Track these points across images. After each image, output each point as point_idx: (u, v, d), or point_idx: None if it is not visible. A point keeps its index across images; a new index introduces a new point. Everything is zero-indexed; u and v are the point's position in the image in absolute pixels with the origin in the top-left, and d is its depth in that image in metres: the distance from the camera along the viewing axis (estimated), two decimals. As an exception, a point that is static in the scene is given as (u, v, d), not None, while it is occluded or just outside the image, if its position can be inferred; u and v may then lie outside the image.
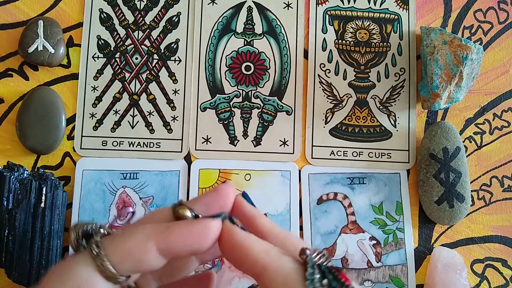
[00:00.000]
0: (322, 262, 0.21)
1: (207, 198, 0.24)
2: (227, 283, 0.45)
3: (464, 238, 0.47)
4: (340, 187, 0.47)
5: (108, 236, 0.22)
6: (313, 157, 0.47)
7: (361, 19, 0.49)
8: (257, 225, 0.24)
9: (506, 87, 0.49)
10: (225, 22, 0.48)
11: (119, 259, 0.20)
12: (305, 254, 0.21)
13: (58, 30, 0.46)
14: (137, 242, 0.20)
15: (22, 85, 0.46)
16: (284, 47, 0.48)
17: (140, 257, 0.20)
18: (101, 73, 0.47)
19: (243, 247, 0.21)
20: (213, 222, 0.21)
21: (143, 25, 0.48)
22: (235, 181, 0.46)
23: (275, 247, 0.22)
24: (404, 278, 0.46)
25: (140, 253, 0.20)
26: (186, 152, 0.46)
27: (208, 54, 0.48)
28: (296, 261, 0.21)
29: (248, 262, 0.21)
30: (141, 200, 0.45)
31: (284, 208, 0.46)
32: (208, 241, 0.21)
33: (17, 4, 0.47)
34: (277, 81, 0.48)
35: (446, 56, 0.43)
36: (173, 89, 0.47)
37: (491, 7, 0.50)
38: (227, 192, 0.24)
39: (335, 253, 0.46)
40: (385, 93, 0.48)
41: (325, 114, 0.47)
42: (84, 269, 0.20)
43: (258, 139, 0.47)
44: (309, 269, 0.20)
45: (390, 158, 0.47)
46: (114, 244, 0.20)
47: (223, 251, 0.22)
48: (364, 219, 0.46)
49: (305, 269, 0.20)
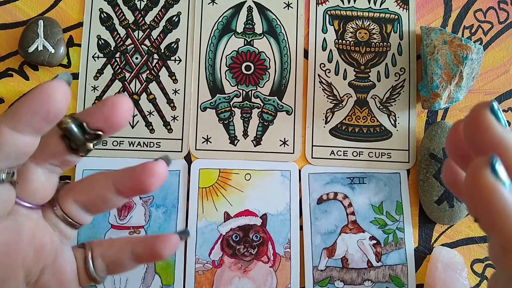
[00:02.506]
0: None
1: (91, 108, 0.23)
2: (227, 282, 0.45)
3: (464, 238, 0.47)
4: (340, 187, 0.47)
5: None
6: (313, 157, 0.47)
7: (361, 19, 0.49)
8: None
9: (506, 87, 0.49)
10: (225, 22, 0.48)
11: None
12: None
13: (58, 30, 0.46)
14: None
15: (22, 85, 0.46)
16: (284, 47, 0.48)
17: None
18: (101, 73, 0.47)
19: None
20: (50, 83, 0.20)
21: (143, 25, 0.48)
22: (235, 180, 0.46)
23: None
24: (404, 278, 0.46)
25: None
26: (186, 152, 0.46)
27: (208, 54, 0.48)
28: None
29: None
30: (141, 200, 0.45)
31: (284, 208, 0.46)
32: (52, 101, 0.20)
33: (17, 4, 0.47)
34: (277, 81, 0.48)
35: (446, 56, 0.43)
36: (173, 89, 0.47)
37: (491, 7, 0.50)
38: (114, 102, 0.22)
39: (335, 253, 0.46)
40: (385, 93, 0.48)
41: (325, 114, 0.48)
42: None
43: (258, 139, 0.47)
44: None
45: (390, 158, 0.47)
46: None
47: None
48: (364, 219, 0.46)
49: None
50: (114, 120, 0.22)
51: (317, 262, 0.45)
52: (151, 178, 0.24)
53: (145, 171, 0.24)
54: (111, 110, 0.22)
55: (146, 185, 0.24)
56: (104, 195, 0.25)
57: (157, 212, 0.45)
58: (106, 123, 0.22)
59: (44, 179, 0.24)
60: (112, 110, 0.22)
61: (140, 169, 0.25)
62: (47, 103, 0.20)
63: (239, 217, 0.46)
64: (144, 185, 0.24)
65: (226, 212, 0.46)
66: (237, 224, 0.45)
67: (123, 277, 0.44)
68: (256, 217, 0.46)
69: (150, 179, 0.24)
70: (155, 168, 0.24)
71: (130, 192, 0.25)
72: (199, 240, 0.45)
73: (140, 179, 0.24)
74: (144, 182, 0.24)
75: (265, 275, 0.45)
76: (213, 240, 0.45)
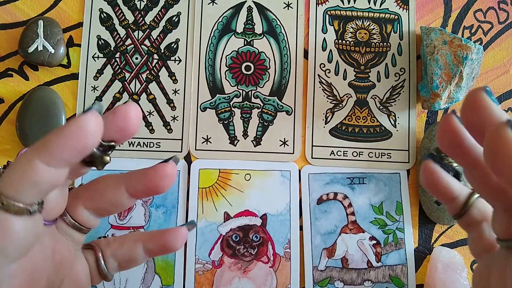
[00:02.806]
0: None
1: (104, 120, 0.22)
2: (227, 283, 0.45)
3: (464, 238, 0.47)
4: (340, 187, 0.47)
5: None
6: (313, 157, 0.47)
7: (361, 19, 0.49)
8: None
9: (506, 87, 0.49)
10: (225, 22, 0.48)
11: (13, 188, 0.19)
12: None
13: (58, 30, 0.46)
14: (21, 165, 0.19)
15: (22, 85, 0.46)
16: (284, 47, 0.48)
17: (31, 177, 0.19)
18: (101, 73, 0.47)
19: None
20: (85, 116, 0.20)
21: (143, 25, 0.48)
22: (235, 181, 0.46)
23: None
24: (404, 278, 0.46)
25: (29, 173, 0.19)
26: (186, 152, 0.46)
27: (208, 54, 0.48)
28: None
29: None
30: (141, 200, 0.45)
31: (284, 208, 0.46)
32: (88, 135, 0.19)
33: (17, 4, 0.47)
34: (277, 81, 0.48)
35: (446, 56, 0.43)
36: (173, 89, 0.47)
37: (491, 7, 0.50)
38: (126, 112, 0.22)
39: (335, 253, 0.46)
40: (385, 93, 0.48)
41: (325, 114, 0.47)
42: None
43: (258, 139, 0.47)
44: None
45: (390, 158, 0.47)
46: (4, 178, 0.20)
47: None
48: (364, 219, 0.46)
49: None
50: (128, 130, 0.22)
51: (317, 262, 0.45)
52: (164, 180, 0.25)
53: (158, 174, 0.25)
54: (123, 121, 0.22)
55: (159, 187, 0.25)
56: (117, 200, 0.25)
57: (157, 212, 0.45)
58: (120, 134, 0.23)
59: (58, 194, 0.24)
60: (124, 120, 0.22)
61: (153, 172, 0.25)
62: (84, 139, 0.19)
63: (239, 217, 0.46)
64: (157, 188, 0.25)
65: (226, 212, 0.46)
66: (237, 224, 0.45)
67: (123, 277, 0.44)
68: (256, 217, 0.46)
69: (163, 182, 0.25)
70: (167, 170, 0.25)
71: (143, 195, 0.25)
72: (199, 240, 0.45)
73: (153, 182, 0.25)
74: (157, 185, 0.25)
75: (265, 275, 0.45)
76: (213, 240, 0.45)
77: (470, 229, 0.26)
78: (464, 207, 0.25)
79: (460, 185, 0.26)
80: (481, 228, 0.25)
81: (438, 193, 0.25)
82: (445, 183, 0.25)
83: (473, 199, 0.25)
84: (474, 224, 0.25)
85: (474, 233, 0.25)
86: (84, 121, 0.19)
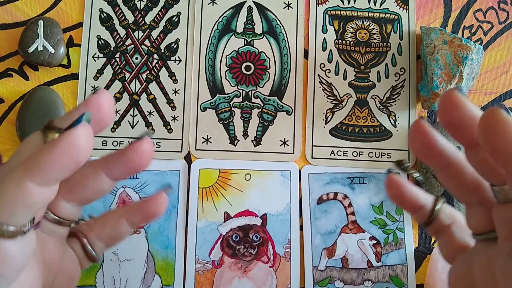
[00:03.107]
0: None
1: (74, 113, 0.22)
2: (227, 283, 0.45)
3: (464, 238, 0.47)
4: (340, 187, 0.47)
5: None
6: (313, 157, 0.47)
7: (361, 19, 0.49)
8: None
9: (506, 87, 0.49)
10: (225, 22, 0.48)
11: (6, 214, 0.19)
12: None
13: (58, 30, 0.46)
14: (12, 188, 0.19)
15: (22, 85, 0.46)
16: (284, 47, 0.48)
17: (24, 200, 0.19)
18: (101, 73, 0.47)
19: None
20: (76, 131, 0.19)
21: (143, 25, 0.48)
22: (235, 181, 0.46)
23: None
24: (404, 278, 0.46)
25: (21, 197, 0.19)
26: (186, 152, 0.46)
27: (208, 54, 0.48)
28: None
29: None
30: (141, 200, 0.45)
31: (284, 208, 0.46)
32: (81, 151, 0.19)
33: (17, 4, 0.47)
34: (277, 81, 0.48)
35: (446, 56, 0.43)
36: (173, 89, 0.47)
37: (491, 7, 0.50)
38: (99, 100, 0.22)
39: (335, 253, 0.46)
40: (385, 93, 0.48)
41: (325, 114, 0.48)
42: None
43: (258, 139, 0.47)
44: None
45: (390, 158, 0.47)
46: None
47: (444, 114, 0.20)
48: (364, 219, 0.46)
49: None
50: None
51: (317, 262, 0.45)
52: (144, 157, 0.25)
53: (137, 153, 0.25)
54: (140, 160, 0.24)
55: (141, 165, 0.25)
56: (98, 187, 0.25)
57: (157, 212, 0.45)
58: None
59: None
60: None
61: (131, 152, 0.25)
62: (76, 155, 0.19)
63: (239, 217, 0.46)
64: (139, 166, 0.25)
65: (226, 212, 0.46)
66: (237, 224, 0.46)
67: (123, 277, 0.44)
68: (256, 217, 0.46)
69: (143, 159, 0.25)
70: (145, 146, 0.25)
71: (124, 176, 0.26)
72: (199, 240, 0.45)
73: (134, 161, 0.25)
74: (138, 163, 0.25)
75: (265, 275, 0.45)
76: (213, 240, 0.45)
77: (440, 235, 0.26)
78: (431, 214, 0.26)
79: (425, 194, 0.26)
80: (451, 231, 0.25)
81: (405, 204, 0.26)
82: (410, 194, 0.26)
83: (439, 204, 0.26)
84: (443, 229, 0.26)
85: (444, 237, 0.26)
86: (75, 136, 0.19)
